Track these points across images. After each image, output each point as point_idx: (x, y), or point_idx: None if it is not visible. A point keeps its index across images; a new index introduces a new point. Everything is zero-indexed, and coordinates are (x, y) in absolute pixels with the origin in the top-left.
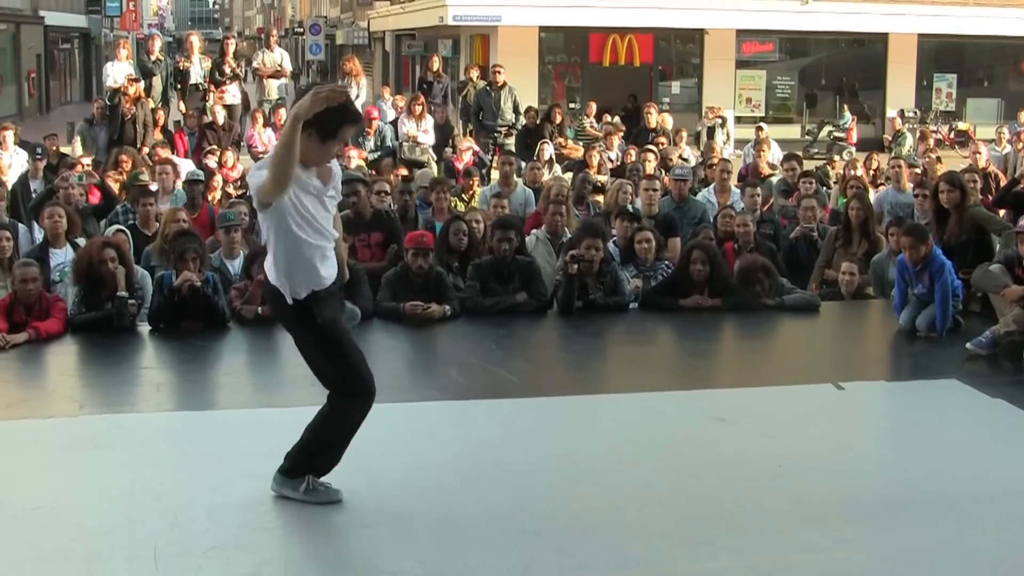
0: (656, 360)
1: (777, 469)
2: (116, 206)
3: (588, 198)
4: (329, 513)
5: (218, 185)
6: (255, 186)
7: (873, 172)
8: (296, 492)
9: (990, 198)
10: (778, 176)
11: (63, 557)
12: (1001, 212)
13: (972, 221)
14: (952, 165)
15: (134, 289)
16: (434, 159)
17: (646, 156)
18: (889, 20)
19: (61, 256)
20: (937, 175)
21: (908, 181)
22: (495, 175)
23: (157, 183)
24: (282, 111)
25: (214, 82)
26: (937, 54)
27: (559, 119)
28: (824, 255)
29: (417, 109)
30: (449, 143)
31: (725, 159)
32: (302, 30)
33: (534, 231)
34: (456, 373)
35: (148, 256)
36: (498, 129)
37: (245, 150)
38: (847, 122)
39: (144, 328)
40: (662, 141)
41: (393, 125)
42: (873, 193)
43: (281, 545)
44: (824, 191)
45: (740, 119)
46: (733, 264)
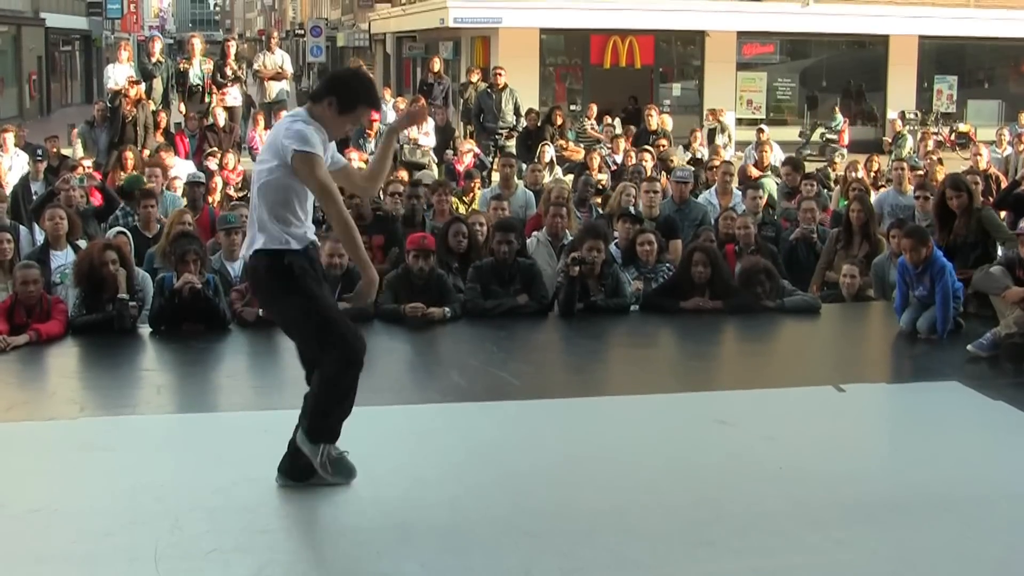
0: (657, 362)
1: (778, 471)
2: (117, 208)
3: (590, 200)
4: (330, 515)
5: (218, 187)
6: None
7: (874, 174)
8: (315, 459)
9: (991, 200)
10: (767, 178)
11: (64, 559)
12: (1002, 214)
13: (980, 224)
14: (953, 167)
15: (135, 291)
16: (435, 161)
17: (642, 156)
18: (890, 22)
19: (62, 258)
20: (938, 177)
21: (909, 183)
22: (496, 177)
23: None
24: (283, 113)
25: (215, 84)
26: (938, 56)
27: (560, 121)
28: (825, 257)
29: None
30: (450, 145)
31: (728, 161)
32: (303, 32)
33: (535, 233)
34: (457, 375)
35: (151, 258)
36: (499, 131)
37: (246, 152)
38: (839, 124)
39: (145, 330)
40: (663, 143)
41: None
42: (873, 195)
43: (282, 547)
44: (825, 193)
45: (741, 121)
46: (734, 266)
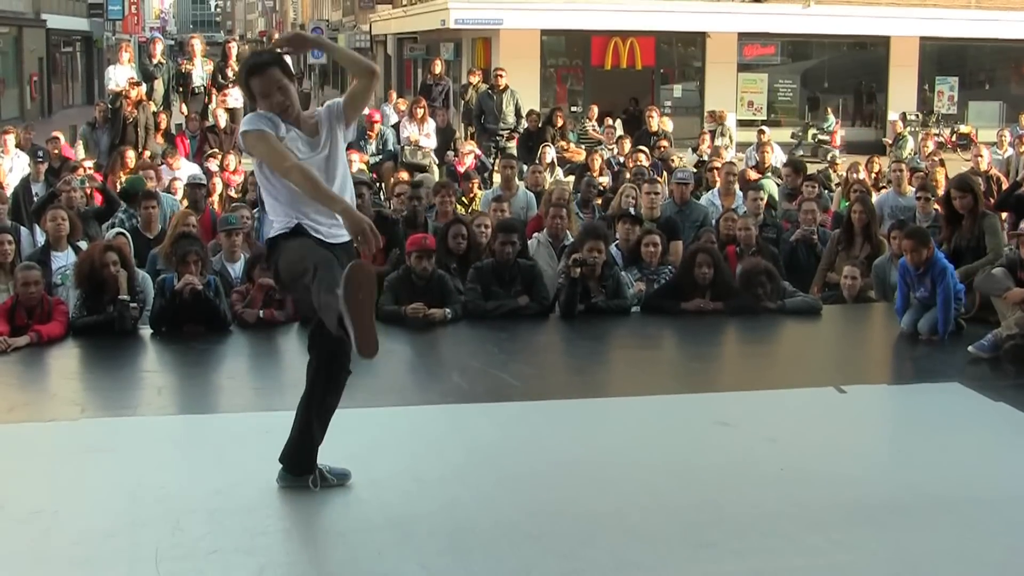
0: (658, 364)
1: (779, 473)
2: (117, 209)
3: (593, 201)
4: (331, 517)
5: (219, 188)
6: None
7: (875, 175)
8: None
9: (991, 201)
10: (767, 179)
11: (65, 560)
12: (1003, 215)
13: (982, 230)
14: (954, 168)
15: (136, 292)
16: (436, 163)
17: (637, 156)
18: (891, 23)
19: (63, 259)
20: (938, 178)
21: (909, 184)
22: (496, 179)
23: None
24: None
25: (216, 85)
26: (939, 57)
27: (561, 122)
28: (826, 258)
29: (419, 112)
30: (451, 146)
31: (730, 162)
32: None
33: (536, 234)
34: (458, 377)
35: (154, 259)
36: (500, 132)
37: (246, 154)
38: (831, 125)
39: (146, 331)
40: (664, 144)
41: (395, 128)
42: (875, 196)
43: (282, 549)
44: (826, 194)
45: (741, 122)
46: (735, 267)
